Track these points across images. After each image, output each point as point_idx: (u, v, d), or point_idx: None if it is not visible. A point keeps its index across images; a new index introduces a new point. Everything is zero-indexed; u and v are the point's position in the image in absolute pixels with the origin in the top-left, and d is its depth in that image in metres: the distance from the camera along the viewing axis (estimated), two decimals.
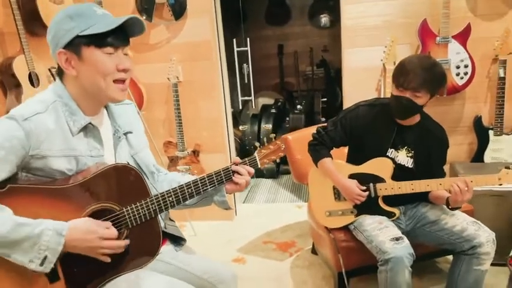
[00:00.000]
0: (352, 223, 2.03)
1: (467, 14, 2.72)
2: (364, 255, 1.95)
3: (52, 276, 1.16)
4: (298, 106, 4.71)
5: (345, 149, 2.15)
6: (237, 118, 4.82)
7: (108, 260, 1.23)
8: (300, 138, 2.55)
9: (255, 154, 1.47)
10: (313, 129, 2.64)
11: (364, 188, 1.95)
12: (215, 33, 3.05)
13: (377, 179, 1.96)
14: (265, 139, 1.54)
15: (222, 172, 1.39)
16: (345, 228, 2.07)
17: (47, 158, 1.18)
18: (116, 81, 1.24)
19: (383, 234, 1.83)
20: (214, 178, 1.38)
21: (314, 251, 2.67)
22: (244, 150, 4.43)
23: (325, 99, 4.99)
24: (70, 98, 1.25)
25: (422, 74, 1.76)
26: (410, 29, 2.76)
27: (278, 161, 1.57)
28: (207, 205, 1.53)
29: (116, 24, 1.18)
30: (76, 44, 1.19)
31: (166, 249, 1.51)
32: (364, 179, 1.97)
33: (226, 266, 1.60)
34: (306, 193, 3.78)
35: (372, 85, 2.91)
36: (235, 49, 3.67)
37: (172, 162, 3.14)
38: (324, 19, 5.54)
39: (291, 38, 5.71)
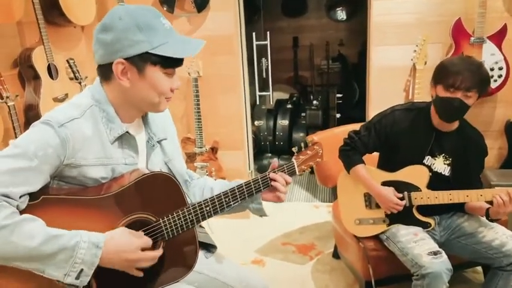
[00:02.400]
0: (383, 233, 1.95)
1: (504, 14, 2.61)
2: (393, 265, 1.88)
3: None
4: (315, 102, 4.60)
5: (375, 154, 2.07)
6: (252, 113, 4.72)
7: (141, 274, 1.16)
8: (325, 139, 2.43)
9: (293, 160, 1.42)
10: (339, 129, 2.58)
11: (400, 196, 1.86)
12: (238, 27, 2.95)
13: (412, 188, 1.87)
14: (302, 144, 1.47)
15: (259, 180, 1.33)
16: (375, 237, 2.00)
17: (82, 167, 1.11)
18: (166, 98, 1.20)
19: (419, 247, 1.75)
20: (252, 186, 1.32)
21: (335, 255, 2.60)
22: (259, 147, 4.35)
23: (340, 94, 4.88)
24: (108, 103, 1.18)
25: (473, 73, 1.69)
26: (443, 27, 2.65)
27: (315, 167, 1.51)
28: (241, 211, 1.47)
29: (190, 51, 1.13)
30: (142, 59, 1.11)
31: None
32: (398, 187, 1.89)
33: (258, 275, 1.54)
34: (323, 193, 3.71)
35: (399, 85, 2.81)
36: (255, 43, 3.57)
37: (190, 158, 3.06)
38: (341, 12, 5.40)
39: (306, 31, 5.58)
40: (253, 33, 3.55)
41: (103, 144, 1.15)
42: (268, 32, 3.52)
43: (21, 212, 1.04)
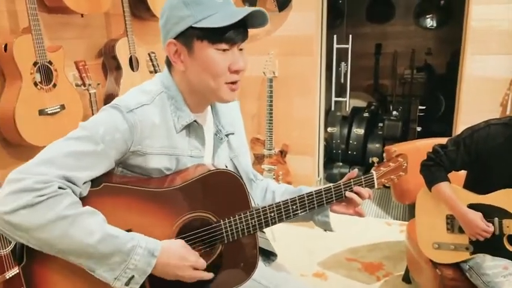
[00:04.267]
0: (466, 261, 1.73)
1: None
2: None
3: None
4: (394, 112, 4.33)
5: (462, 172, 1.85)
6: (326, 119, 4.58)
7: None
8: (406, 152, 2.25)
9: (372, 171, 1.28)
10: (421, 142, 2.36)
11: (490, 223, 1.64)
12: (319, 28, 2.85)
13: (504, 214, 1.64)
14: (384, 155, 1.35)
15: (332, 189, 1.21)
16: (455, 265, 1.78)
17: (147, 155, 1.07)
18: (227, 82, 1.08)
19: (509, 283, 1.51)
20: (324, 196, 1.20)
21: (406, 279, 2.38)
22: (330, 155, 4.19)
23: (423, 107, 4.56)
24: (177, 90, 1.12)
25: None
26: None
27: (396, 181, 1.37)
28: (305, 221, 1.36)
29: (236, 18, 1.01)
30: (188, 36, 1.04)
31: None
32: (488, 212, 1.66)
33: None
34: (397, 210, 3.46)
35: (496, 98, 2.52)
36: (335, 45, 3.44)
37: (258, 160, 3.00)
38: (431, 19, 5.06)
39: (391, 38, 5.31)
40: (335, 36, 3.42)
41: (169, 132, 1.10)
42: (350, 36, 3.37)
43: (82, 199, 1.00)
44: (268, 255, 1.39)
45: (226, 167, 1.21)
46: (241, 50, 1.10)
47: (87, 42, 2.38)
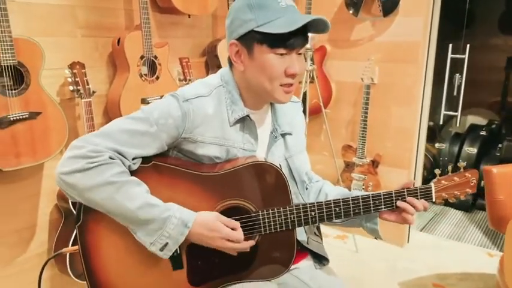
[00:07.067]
0: None
1: None
2: None
3: (176, 263, 1.12)
4: None
5: None
6: (436, 134, 4.25)
7: (235, 253, 1.13)
8: (509, 174, 2.01)
9: (431, 184, 1.21)
10: None
11: None
12: (427, 34, 2.67)
13: None
14: (449, 168, 1.28)
15: (382, 197, 1.16)
16: None
17: (198, 143, 1.15)
18: (282, 85, 1.13)
19: None
20: (371, 202, 1.16)
21: None
22: (434, 172, 3.87)
23: None
24: (235, 86, 1.20)
25: None
26: None
27: (463, 198, 1.26)
28: (353, 227, 1.32)
29: (295, 25, 1.05)
30: (249, 39, 1.10)
31: (306, 264, 1.35)
32: None
33: None
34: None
35: None
36: (449, 55, 3.18)
37: (348, 167, 2.93)
38: None
39: None
40: (450, 45, 3.17)
41: (222, 124, 1.17)
42: (468, 46, 3.09)
43: (131, 172, 1.11)
44: (321, 259, 1.38)
45: (280, 165, 1.24)
46: (299, 54, 1.14)
47: (193, 41, 2.59)
